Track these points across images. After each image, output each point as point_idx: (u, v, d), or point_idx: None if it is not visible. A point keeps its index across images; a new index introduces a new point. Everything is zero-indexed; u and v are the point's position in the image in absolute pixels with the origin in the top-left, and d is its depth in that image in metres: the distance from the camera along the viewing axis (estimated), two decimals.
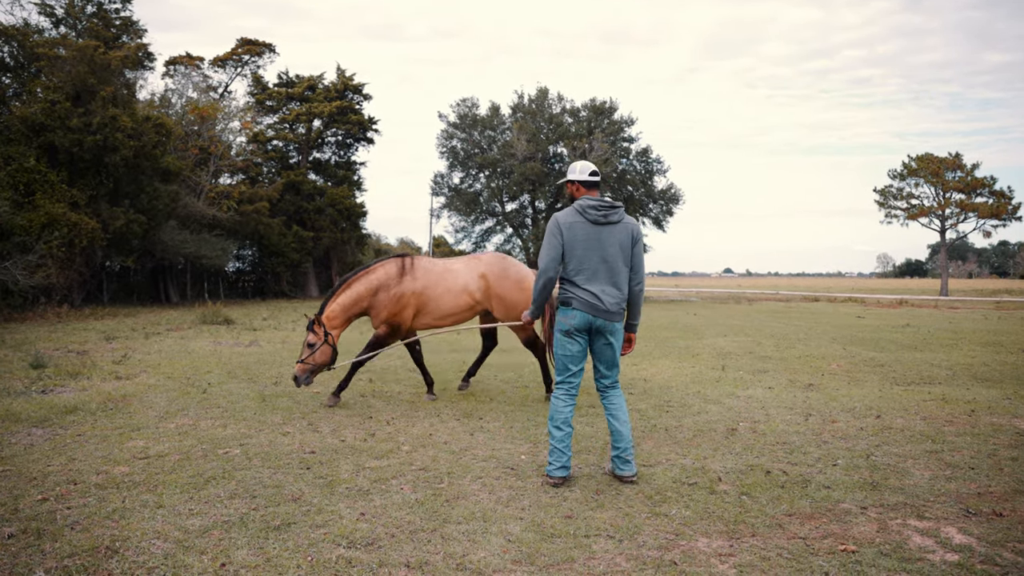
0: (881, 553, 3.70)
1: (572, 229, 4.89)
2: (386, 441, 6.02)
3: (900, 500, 4.56)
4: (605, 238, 4.89)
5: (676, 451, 5.80)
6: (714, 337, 16.10)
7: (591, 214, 4.89)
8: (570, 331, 4.92)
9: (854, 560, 3.61)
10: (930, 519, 4.23)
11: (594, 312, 4.86)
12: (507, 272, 7.98)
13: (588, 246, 4.88)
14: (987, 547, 3.80)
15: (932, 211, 51.92)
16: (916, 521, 4.19)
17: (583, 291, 4.87)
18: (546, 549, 3.75)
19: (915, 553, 3.71)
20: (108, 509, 4.25)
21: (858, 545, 3.80)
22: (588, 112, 40.78)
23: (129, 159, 21.58)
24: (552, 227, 4.96)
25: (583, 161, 5.21)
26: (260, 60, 37.44)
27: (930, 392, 8.65)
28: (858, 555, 3.67)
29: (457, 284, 7.82)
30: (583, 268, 4.88)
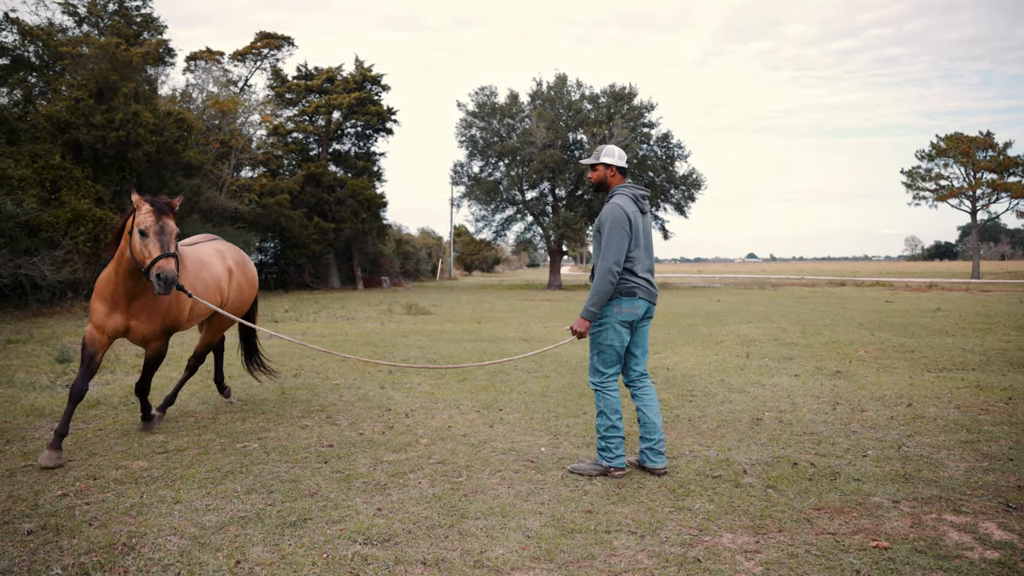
0: (916, 550, 3.56)
1: (635, 219, 4.90)
2: (404, 434, 5.96)
3: (935, 493, 4.40)
4: (646, 226, 5.02)
5: (700, 442, 5.68)
6: (738, 324, 15.89)
7: (642, 203, 4.97)
8: (630, 321, 4.87)
9: (887, 557, 3.47)
10: (967, 514, 4.06)
11: (651, 299, 4.93)
12: (246, 266, 7.02)
13: (643, 234, 4.94)
14: None
15: (962, 192, 50.88)
16: (952, 516, 4.04)
17: (642, 279, 4.89)
18: (565, 545, 3.66)
19: (952, 550, 3.56)
20: (126, 505, 4.23)
21: (891, 541, 3.66)
22: (607, 98, 40.37)
23: (151, 154, 21.69)
24: (621, 219, 4.80)
25: (612, 145, 5.11)
26: (279, 53, 37.46)
27: (963, 379, 8.43)
28: (891, 552, 3.53)
29: (212, 278, 6.31)
30: (640, 256, 4.90)
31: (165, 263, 4.99)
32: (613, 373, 4.92)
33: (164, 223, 5.13)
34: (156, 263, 4.99)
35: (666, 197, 41.16)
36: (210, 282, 6.21)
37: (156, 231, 5.08)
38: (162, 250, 5.02)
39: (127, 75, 21.63)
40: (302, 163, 36.37)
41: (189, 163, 24.55)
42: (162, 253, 5.01)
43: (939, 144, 51.33)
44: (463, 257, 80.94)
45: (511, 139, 39.65)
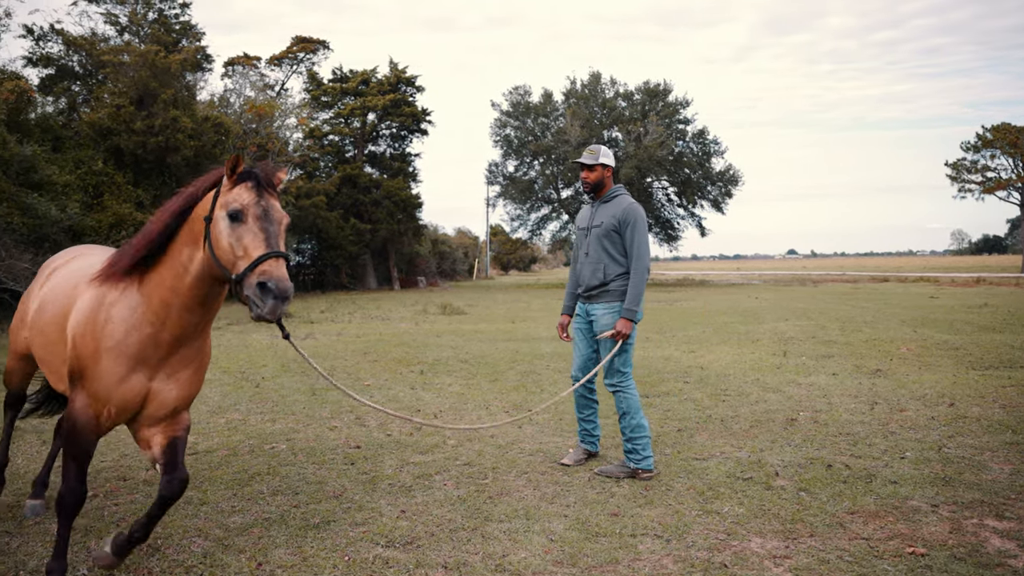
0: (954, 557, 3.41)
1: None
2: (432, 435, 5.93)
3: (976, 497, 4.23)
4: None
5: (731, 443, 5.56)
6: (775, 321, 15.62)
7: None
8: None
9: (923, 564, 3.34)
10: (1011, 519, 3.89)
11: None
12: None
13: None
14: None
15: (1011, 183, 49.46)
16: (994, 521, 3.87)
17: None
18: (589, 549, 3.59)
19: (993, 557, 3.41)
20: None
21: (928, 547, 3.52)
22: (642, 95, 40.08)
23: (190, 159, 22.09)
24: (645, 217, 4.96)
25: (602, 146, 5.19)
26: (315, 57, 37.89)
27: (1010, 377, 8.14)
28: (928, 558, 3.39)
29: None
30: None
31: (276, 267, 2.85)
32: (630, 372, 4.90)
33: (268, 204, 3.01)
34: (259, 266, 2.84)
35: (703, 194, 40.74)
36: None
37: (258, 214, 2.95)
38: (269, 246, 2.89)
39: (166, 82, 22.06)
40: (338, 165, 36.75)
41: None
42: (269, 251, 2.87)
43: (985, 135, 49.97)
44: (499, 256, 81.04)
45: (545, 138, 39.57)
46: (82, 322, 3.16)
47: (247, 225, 2.91)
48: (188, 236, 3.09)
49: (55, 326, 3.42)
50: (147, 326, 3.10)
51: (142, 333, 3.09)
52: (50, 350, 3.48)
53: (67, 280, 3.56)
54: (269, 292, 2.79)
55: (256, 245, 2.87)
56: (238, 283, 2.90)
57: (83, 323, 3.15)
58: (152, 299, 3.11)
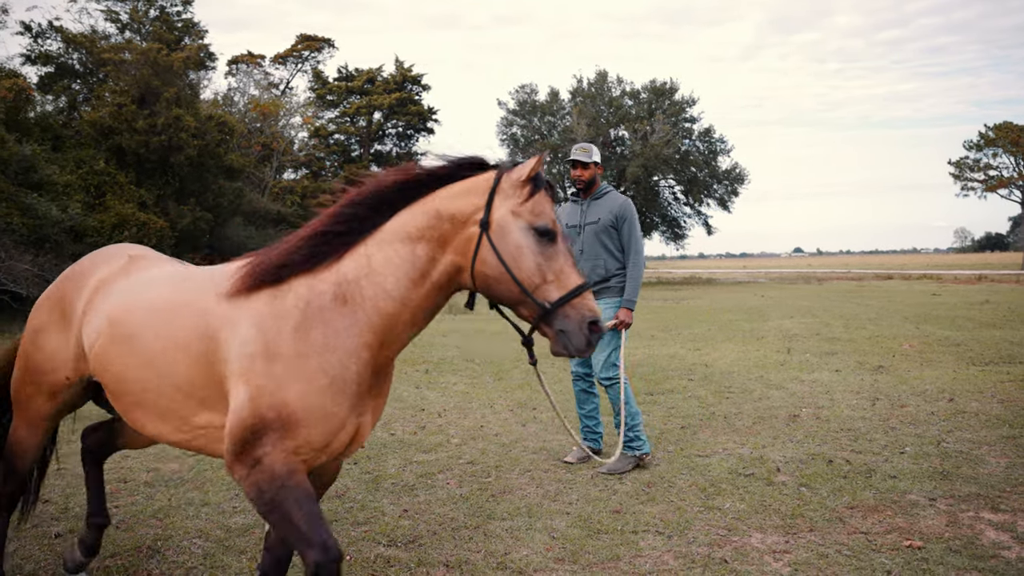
0: (950, 549, 3.45)
1: None
2: (436, 434, 5.97)
3: (973, 491, 4.26)
4: None
5: (734, 440, 5.58)
6: (780, 319, 15.63)
7: None
8: None
9: (920, 557, 3.37)
10: (1006, 511, 3.94)
11: None
12: None
13: None
14: None
15: (1012, 182, 49.53)
16: (990, 514, 3.91)
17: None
18: (591, 546, 3.63)
19: (988, 550, 3.45)
20: (154, 507, 4.29)
21: (925, 540, 3.56)
22: (648, 93, 40.06)
23: (194, 158, 22.12)
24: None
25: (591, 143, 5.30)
26: (320, 55, 37.99)
27: (1009, 372, 8.16)
28: (924, 551, 3.43)
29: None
30: None
31: (591, 301, 2.44)
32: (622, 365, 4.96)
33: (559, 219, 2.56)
34: (576, 298, 2.39)
35: (709, 192, 40.73)
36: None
37: (564, 234, 2.54)
38: (581, 275, 2.47)
39: (168, 80, 22.06)
40: (344, 164, 36.81)
41: (231, 166, 24.97)
42: (586, 281, 2.45)
43: (988, 134, 50.03)
44: None
45: (552, 136, 39.57)
46: (267, 356, 2.35)
47: (557, 246, 2.42)
48: (427, 233, 2.45)
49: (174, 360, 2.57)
50: (364, 350, 2.40)
51: (360, 360, 2.39)
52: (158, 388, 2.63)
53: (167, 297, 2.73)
54: (595, 333, 2.39)
55: (570, 272, 2.40)
56: (543, 318, 2.40)
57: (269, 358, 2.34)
58: (369, 315, 2.40)
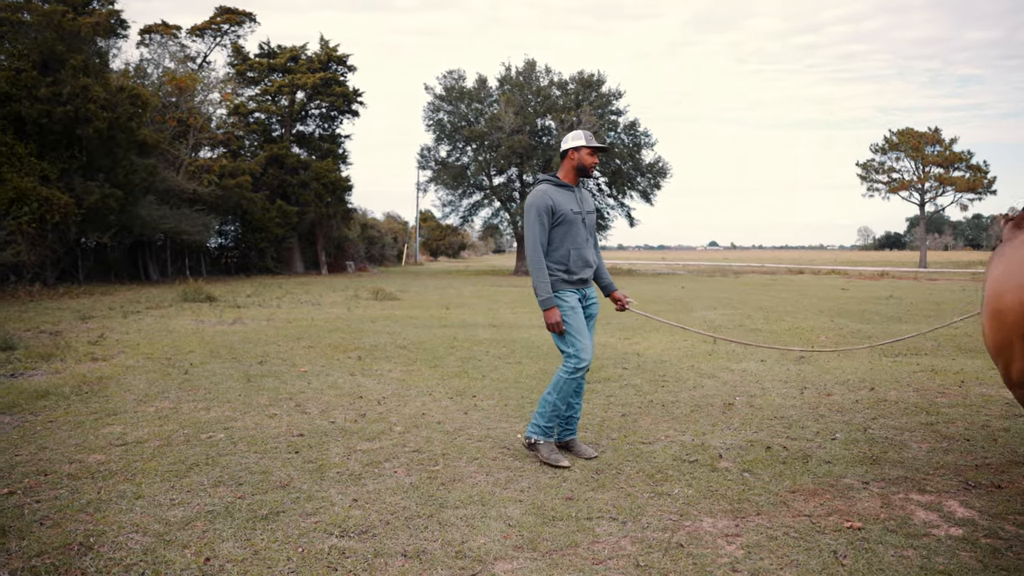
0: (887, 529, 3.64)
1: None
2: (377, 422, 5.87)
3: (901, 474, 4.50)
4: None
5: (675, 427, 5.69)
6: (703, 310, 16.04)
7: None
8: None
9: (861, 537, 3.54)
10: (932, 493, 4.18)
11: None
12: None
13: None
14: (989, 520, 3.77)
15: (912, 185, 52.41)
16: (918, 495, 4.14)
17: None
18: (548, 533, 3.63)
19: (920, 528, 3.66)
20: (82, 501, 4.04)
21: (863, 522, 3.73)
22: (576, 85, 40.32)
23: (103, 131, 20.99)
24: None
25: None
26: (240, 30, 36.64)
27: (919, 363, 8.62)
28: (864, 532, 3.60)
29: None
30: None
31: None
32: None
33: None
34: None
35: (632, 185, 41.38)
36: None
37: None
38: None
39: (75, 46, 20.79)
40: (264, 144, 35.75)
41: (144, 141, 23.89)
42: None
43: (891, 138, 52.76)
44: (429, 242, 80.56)
45: (479, 124, 39.41)
46: None
47: None
48: None
49: None
50: None
51: None
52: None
53: None
54: None
55: None
56: None
57: None
58: None
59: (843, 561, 3.29)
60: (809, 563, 3.28)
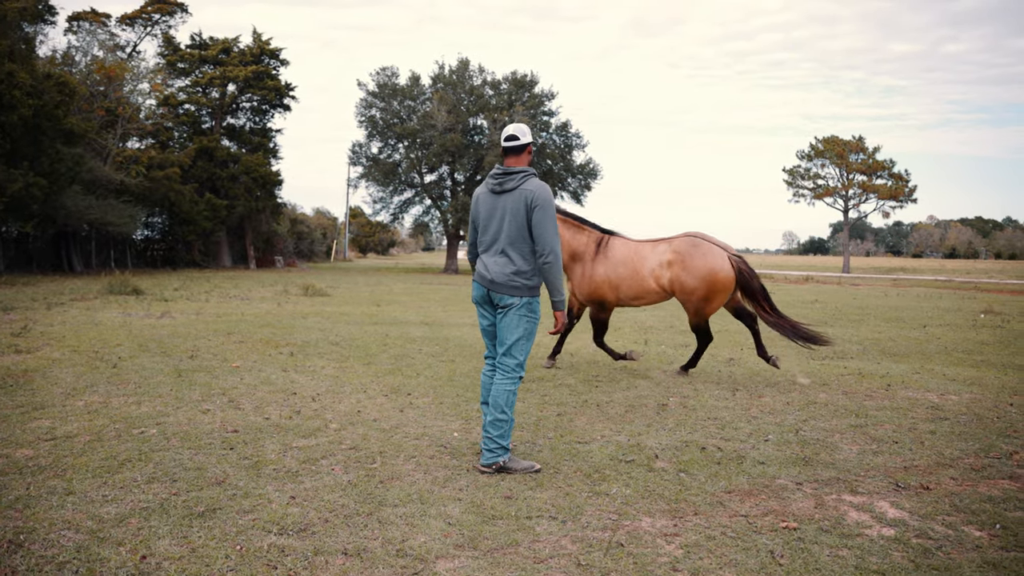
0: (821, 529, 3.74)
1: (478, 201, 4.82)
2: (313, 419, 5.78)
3: (833, 475, 4.64)
4: (500, 207, 4.66)
5: (610, 427, 5.77)
6: (633, 311, 16.28)
7: (490, 183, 4.76)
8: (476, 302, 4.82)
9: (796, 537, 3.63)
10: (863, 494, 4.31)
11: (483, 283, 4.70)
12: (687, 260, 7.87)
13: (488, 216, 4.73)
14: (919, 520, 3.90)
15: (836, 191, 54.25)
16: (850, 496, 4.27)
17: (480, 262, 4.80)
18: (488, 532, 3.64)
19: (853, 528, 3.77)
20: (10, 497, 3.89)
21: (798, 522, 3.83)
22: (509, 85, 40.48)
23: (28, 119, 20.16)
24: (471, 200, 4.95)
25: (513, 123, 4.97)
26: (171, 20, 35.53)
27: (846, 367, 8.94)
28: (800, 532, 3.70)
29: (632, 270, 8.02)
30: (483, 239, 4.78)
31: None
32: (486, 355, 4.94)
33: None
34: None
35: (563, 185, 41.74)
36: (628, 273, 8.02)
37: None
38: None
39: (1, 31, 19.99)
40: (194, 136, 34.79)
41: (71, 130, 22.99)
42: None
43: (817, 145, 54.51)
44: (358, 239, 79.67)
45: (411, 121, 39.19)
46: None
47: None
48: None
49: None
50: None
51: None
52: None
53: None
54: None
55: None
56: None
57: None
58: None
59: (780, 561, 3.39)
60: (747, 562, 3.37)
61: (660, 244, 8.10)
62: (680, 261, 7.81)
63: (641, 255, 8.03)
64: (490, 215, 4.70)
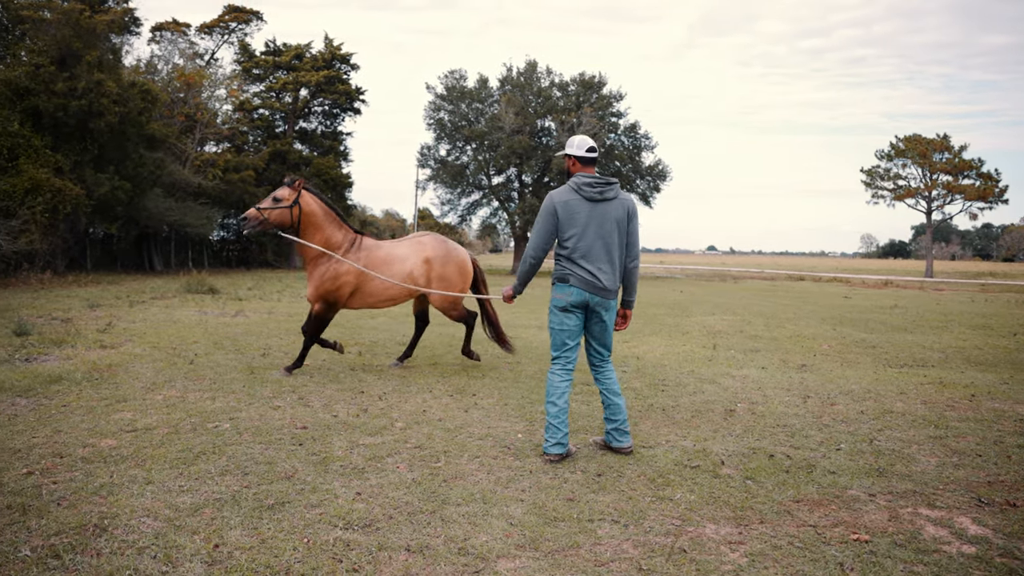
0: (895, 543, 3.60)
1: (568, 207, 4.86)
2: (379, 417, 5.89)
3: (909, 488, 4.46)
4: (601, 215, 4.87)
5: (675, 432, 5.70)
6: (702, 315, 16.04)
7: (586, 191, 4.87)
8: (567, 307, 4.90)
9: (868, 550, 3.51)
10: (942, 508, 4.12)
11: (591, 290, 4.85)
12: (448, 256, 8.09)
13: (585, 223, 4.85)
14: (1004, 539, 3.70)
15: (919, 192, 52.05)
16: (928, 510, 4.09)
17: (581, 268, 4.85)
18: (550, 533, 3.64)
19: (930, 544, 3.61)
20: (95, 484, 4.10)
21: (870, 534, 3.70)
22: (577, 86, 40.40)
23: (114, 125, 21.13)
24: (547, 206, 4.92)
25: (582, 136, 5.10)
26: (247, 27, 36.75)
27: (926, 375, 8.59)
28: (872, 545, 3.57)
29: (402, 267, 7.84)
30: (580, 245, 4.86)
31: None
32: (557, 357, 4.99)
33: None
34: None
35: (631, 187, 41.40)
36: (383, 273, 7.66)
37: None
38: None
39: (91, 43, 21.02)
40: (268, 140, 35.82)
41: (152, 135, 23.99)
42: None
43: (898, 145, 52.42)
44: None
45: (479, 124, 39.48)
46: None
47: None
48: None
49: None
50: None
51: None
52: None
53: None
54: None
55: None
56: None
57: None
58: None
59: (849, 573, 3.27)
60: (815, 574, 3.27)
61: (409, 243, 8.11)
62: (439, 257, 7.97)
63: (399, 256, 7.89)
64: (588, 223, 4.85)
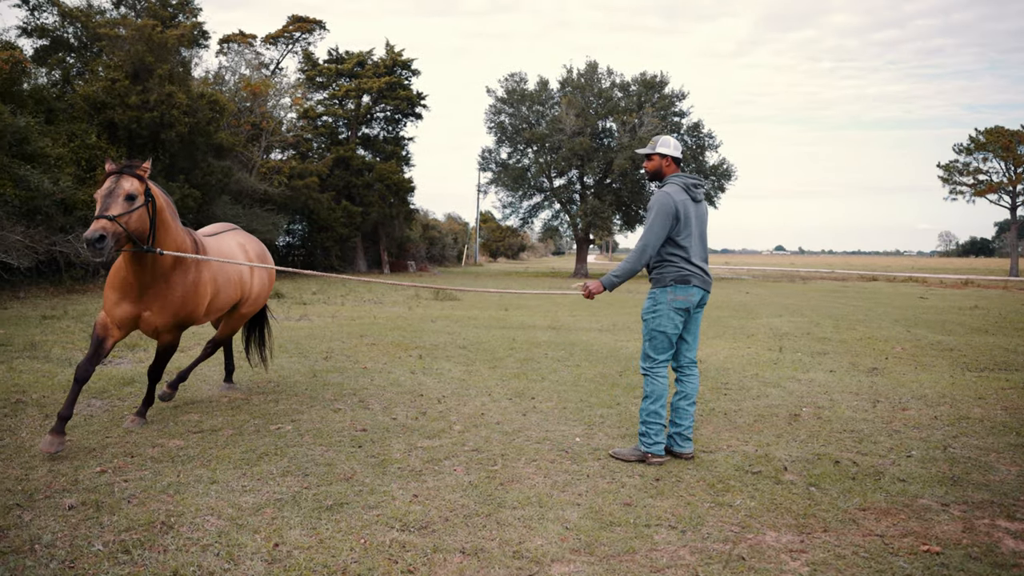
0: (969, 556, 3.43)
1: (685, 207, 4.91)
2: (437, 420, 5.92)
3: (986, 498, 4.26)
4: (700, 215, 5.02)
5: (737, 437, 5.57)
6: (769, 317, 15.68)
7: (694, 191, 4.98)
8: (688, 308, 4.91)
9: (939, 563, 3.36)
10: (1022, 520, 3.92)
11: (705, 287, 4.96)
12: (265, 259, 6.68)
13: (694, 224, 4.96)
14: None
15: (1001, 187, 49.71)
16: (1007, 522, 3.89)
17: (696, 267, 4.94)
18: (606, 538, 3.60)
19: (1009, 558, 3.43)
20: (163, 483, 4.23)
21: (942, 546, 3.54)
22: (638, 86, 40.01)
23: (184, 135, 21.87)
24: (667, 206, 4.85)
25: (666, 136, 5.15)
26: (311, 37, 37.57)
27: (1008, 380, 8.20)
28: (943, 557, 3.42)
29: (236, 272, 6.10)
30: (691, 245, 4.93)
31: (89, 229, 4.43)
32: (664, 360, 4.95)
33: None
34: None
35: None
36: (233, 275, 5.94)
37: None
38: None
39: (162, 57, 21.82)
40: (331, 146, 36.49)
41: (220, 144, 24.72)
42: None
43: (978, 138, 50.15)
44: (488, 243, 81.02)
45: (540, 126, 39.45)
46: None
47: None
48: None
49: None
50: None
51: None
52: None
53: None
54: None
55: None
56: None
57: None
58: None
59: None
60: None
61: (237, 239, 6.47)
62: (260, 257, 6.57)
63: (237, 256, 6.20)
64: (694, 223, 4.95)
